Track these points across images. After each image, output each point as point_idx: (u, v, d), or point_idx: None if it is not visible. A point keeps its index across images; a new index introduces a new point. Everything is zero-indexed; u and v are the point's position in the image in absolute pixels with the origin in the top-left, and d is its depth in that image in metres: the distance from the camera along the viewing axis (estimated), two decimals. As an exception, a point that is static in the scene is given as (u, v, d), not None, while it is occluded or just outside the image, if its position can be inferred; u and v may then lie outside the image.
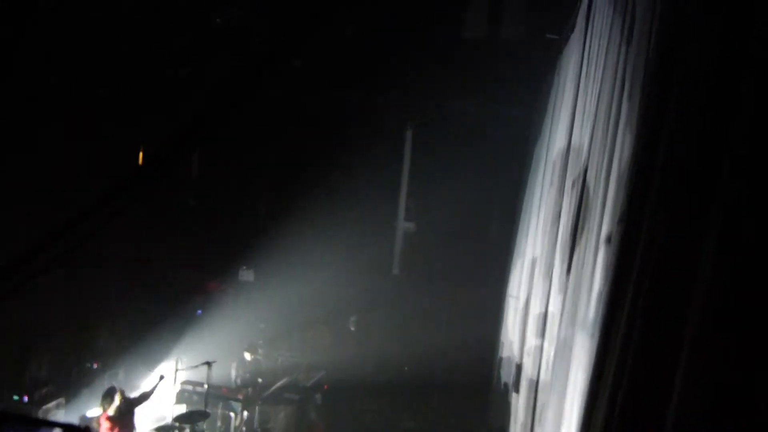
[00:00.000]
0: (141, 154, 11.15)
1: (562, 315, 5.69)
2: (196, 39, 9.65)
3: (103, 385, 9.52)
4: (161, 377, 8.58)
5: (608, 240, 3.95)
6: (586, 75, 6.75)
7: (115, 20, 9.10)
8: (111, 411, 7.61)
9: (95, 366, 10.45)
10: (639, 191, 3.24)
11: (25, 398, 9.07)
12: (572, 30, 8.25)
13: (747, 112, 2.53)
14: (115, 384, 8.49)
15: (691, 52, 3.05)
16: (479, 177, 12.08)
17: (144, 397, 8.32)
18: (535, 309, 7.98)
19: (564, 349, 5.19)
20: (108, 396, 7.72)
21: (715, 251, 2.48)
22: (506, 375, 10.05)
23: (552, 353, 6.14)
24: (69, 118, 9.69)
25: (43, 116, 9.39)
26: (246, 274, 13.31)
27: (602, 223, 4.49)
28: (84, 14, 8.73)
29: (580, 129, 6.75)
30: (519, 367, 8.89)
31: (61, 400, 9.33)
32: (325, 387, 11.18)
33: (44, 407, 8.93)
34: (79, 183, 9.43)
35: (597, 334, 3.54)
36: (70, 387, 9.73)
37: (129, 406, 7.87)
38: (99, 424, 7.75)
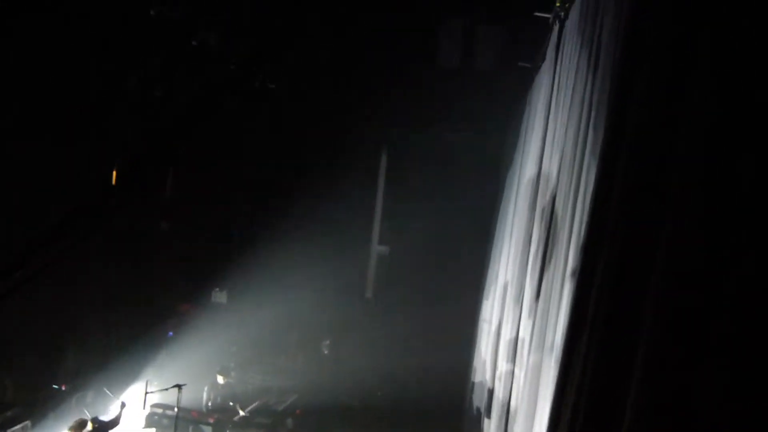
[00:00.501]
0: (114, 173, 11.07)
1: (531, 341, 5.76)
2: (172, 60, 9.68)
3: (71, 407, 9.38)
4: (123, 405, 8.37)
5: (574, 270, 4.03)
6: (556, 103, 6.90)
7: (90, 38, 9.11)
8: None
9: (63, 388, 10.27)
10: (598, 221, 3.34)
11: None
12: (543, 59, 8.44)
13: (699, 140, 2.64)
14: (86, 412, 8.35)
15: (649, 82, 3.17)
16: (453, 201, 12.18)
17: (114, 422, 8.19)
18: (506, 334, 8.03)
19: (533, 376, 5.24)
20: (78, 428, 7.61)
21: (663, 278, 2.58)
22: (478, 400, 10.07)
23: (522, 379, 6.19)
24: (40, 133, 9.58)
25: (14, 130, 9.28)
26: (219, 296, 13.23)
27: (569, 250, 4.58)
28: (58, 30, 8.72)
29: (549, 156, 6.87)
30: (491, 392, 8.92)
31: (27, 423, 9.13)
32: (297, 412, 11.09)
33: (9, 431, 8.75)
34: (49, 200, 9.33)
35: (559, 362, 3.61)
36: (36, 410, 9.54)
37: None
38: None
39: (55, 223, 8.77)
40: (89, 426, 7.56)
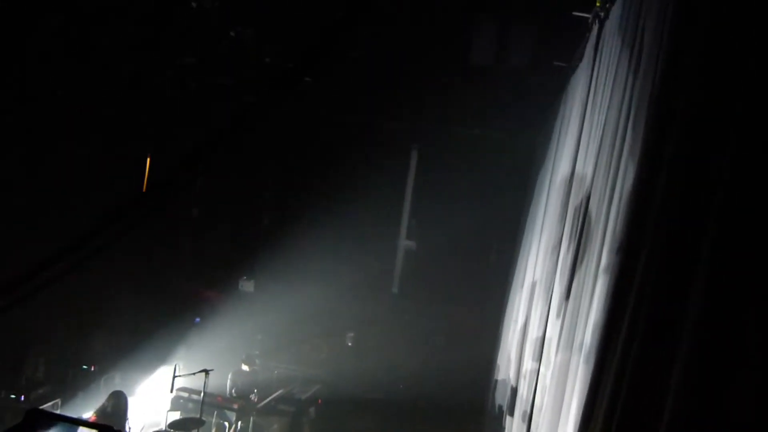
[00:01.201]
0: (148, 163, 11.25)
1: (559, 340, 5.76)
2: (207, 55, 9.79)
3: (99, 388, 9.58)
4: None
5: (607, 269, 4.03)
6: (593, 104, 6.87)
7: (122, 35, 9.24)
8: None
9: (92, 369, 10.48)
10: (637, 222, 3.34)
11: (22, 398, 9.10)
12: (581, 59, 8.39)
13: (743, 144, 2.64)
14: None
15: (692, 85, 3.17)
16: (482, 200, 12.16)
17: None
18: (533, 333, 8.03)
19: (560, 374, 5.25)
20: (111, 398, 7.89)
21: (707, 282, 2.58)
22: (501, 398, 10.07)
23: (548, 377, 6.19)
24: (74, 132, 9.78)
25: (49, 129, 9.49)
26: (246, 285, 13.38)
27: (602, 251, 4.57)
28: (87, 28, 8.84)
29: (584, 157, 6.85)
30: (514, 391, 8.93)
31: (57, 401, 9.35)
32: (319, 401, 11.20)
33: (40, 408, 8.95)
34: (89, 195, 9.52)
35: (592, 360, 3.62)
36: (66, 389, 9.76)
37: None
38: None
39: (96, 222, 8.93)
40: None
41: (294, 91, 10.56)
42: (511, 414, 8.76)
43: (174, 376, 8.84)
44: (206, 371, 8.74)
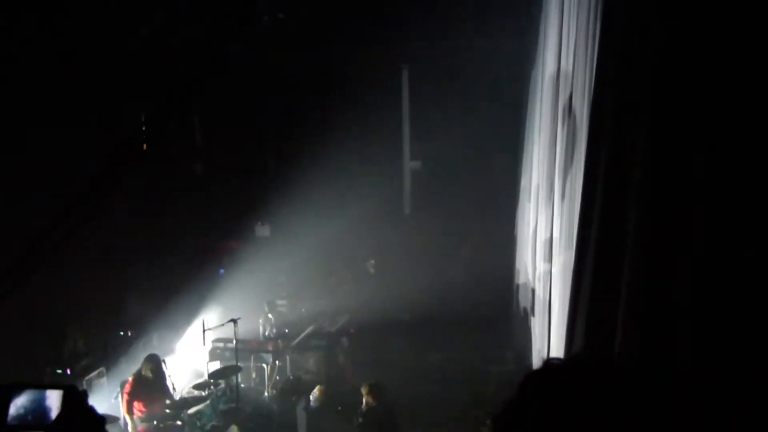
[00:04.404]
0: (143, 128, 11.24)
1: (560, 240, 5.87)
2: (179, 6, 9.62)
3: (139, 351, 9.94)
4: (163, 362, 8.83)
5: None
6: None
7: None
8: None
9: (129, 334, 10.85)
10: (597, 116, 3.38)
11: (68, 371, 9.48)
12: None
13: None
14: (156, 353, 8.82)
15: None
16: (479, 109, 12.05)
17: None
18: (542, 235, 8.16)
19: (564, 273, 5.39)
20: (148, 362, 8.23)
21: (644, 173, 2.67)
22: (523, 300, 10.32)
23: (556, 277, 6.34)
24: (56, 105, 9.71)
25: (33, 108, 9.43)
26: (262, 230, 13.58)
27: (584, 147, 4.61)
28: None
29: (566, 53, 6.78)
30: (533, 292, 9.15)
31: (102, 369, 9.74)
32: (351, 331, 11.52)
33: (86, 378, 9.35)
34: (85, 154, 9.53)
35: (574, 255, 3.74)
36: (108, 356, 10.14)
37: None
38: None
39: (94, 177, 9.02)
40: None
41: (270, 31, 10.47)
42: (534, 314, 9.01)
43: (204, 330, 9.15)
44: (234, 321, 9.03)
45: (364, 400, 7.69)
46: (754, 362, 2.29)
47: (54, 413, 1.66)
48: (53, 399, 1.70)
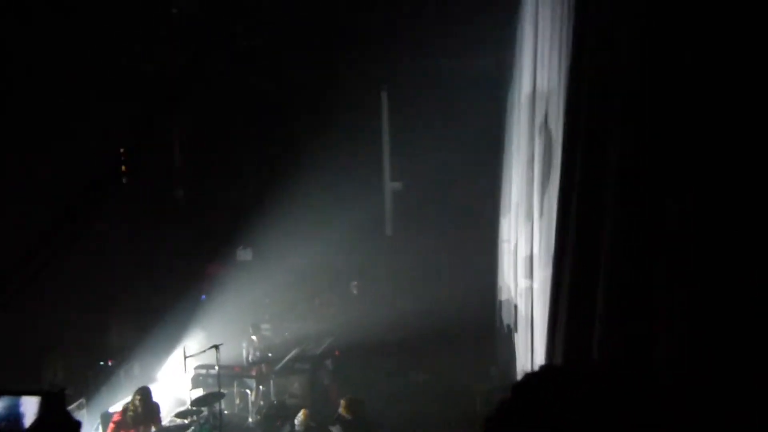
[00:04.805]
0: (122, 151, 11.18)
1: (539, 256, 5.91)
2: (155, 31, 9.62)
3: (120, 380, 9.81)
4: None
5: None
6: (542, 17, 6.84)
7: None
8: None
9: (110, 363, 10.70)
10: (571, 134, 3.43)
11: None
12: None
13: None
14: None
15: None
16: (460, 128, 12.12)
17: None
18: (522, 251, 8.19)
19: (543, 290, 5.41)
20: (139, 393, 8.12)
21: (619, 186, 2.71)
22: (507, 317, 10.33)
23: (537, 293, 6.37)
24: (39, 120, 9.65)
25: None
26: (244, 254, 13.52)
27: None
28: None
29: (541, 72, 6.87)
30: (516, 308, 9.17)
31: (82, 400, 9.55)
32: (336, 353, 11.46)
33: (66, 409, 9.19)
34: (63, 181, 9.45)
35: (552, 271, 3.77)
36: (89, 387, 9.98)
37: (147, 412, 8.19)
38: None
39: (71, 205, 8.96)
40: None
41: (247, 56, 10.50)
42: (517, 330, 9.02)
43: (185, 357, 9.06)
44: (216, 347, 8.96)
45: (339, 411, 7.67)
46: (733, 367, 2.31)
47: (28, 419, 1.64)
48: (28, 405, 1.69)
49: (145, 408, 8.14)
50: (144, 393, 8.23)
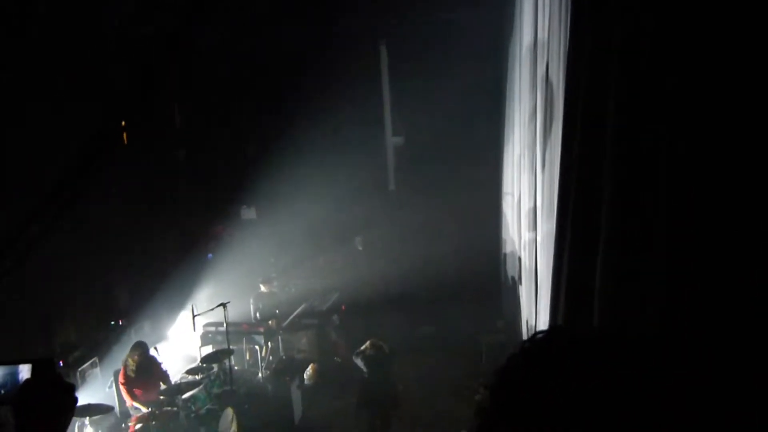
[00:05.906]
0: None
1: (542, 209, 5.92)
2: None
3: (131, 339, 9.97)
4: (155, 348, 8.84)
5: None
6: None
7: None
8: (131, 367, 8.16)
9: (120, 323, 10.85)
10: (572, 81, 3.40)
11: (60, 363, 9.47)
12: None
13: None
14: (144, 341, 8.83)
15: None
16: (460, 81, 11.97)
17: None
18: (525, 204, 8.20)
19: (547, 242, 5.44)
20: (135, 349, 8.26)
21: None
22: (511, 269, 10.41)
23: (540, 246, 6.40)
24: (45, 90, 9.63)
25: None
26: (248, 213, 13.56)
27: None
28: None
29: (542, 23, 6.77)
30: (520, 261, 9.23)
31: (95, 359, 9.76)
32: (342, 308, 11.59)
33: (80, 369, 9.37)
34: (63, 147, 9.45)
35: (555, 222, 3.79)
36: (100, 346, 10.14)
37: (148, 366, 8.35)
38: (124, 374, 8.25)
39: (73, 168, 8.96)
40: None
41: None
42: (521, 282, 9.10)
43: (193, 316, 9.17)
44: (223, 305, 9.06)
45: (362, 348, 7.95)
46: (735, 330, 2.34)
47: None
48: (26, 374, 1.72)
49: (144, 360, 8.29)
50: (139, 348, 8.36)
